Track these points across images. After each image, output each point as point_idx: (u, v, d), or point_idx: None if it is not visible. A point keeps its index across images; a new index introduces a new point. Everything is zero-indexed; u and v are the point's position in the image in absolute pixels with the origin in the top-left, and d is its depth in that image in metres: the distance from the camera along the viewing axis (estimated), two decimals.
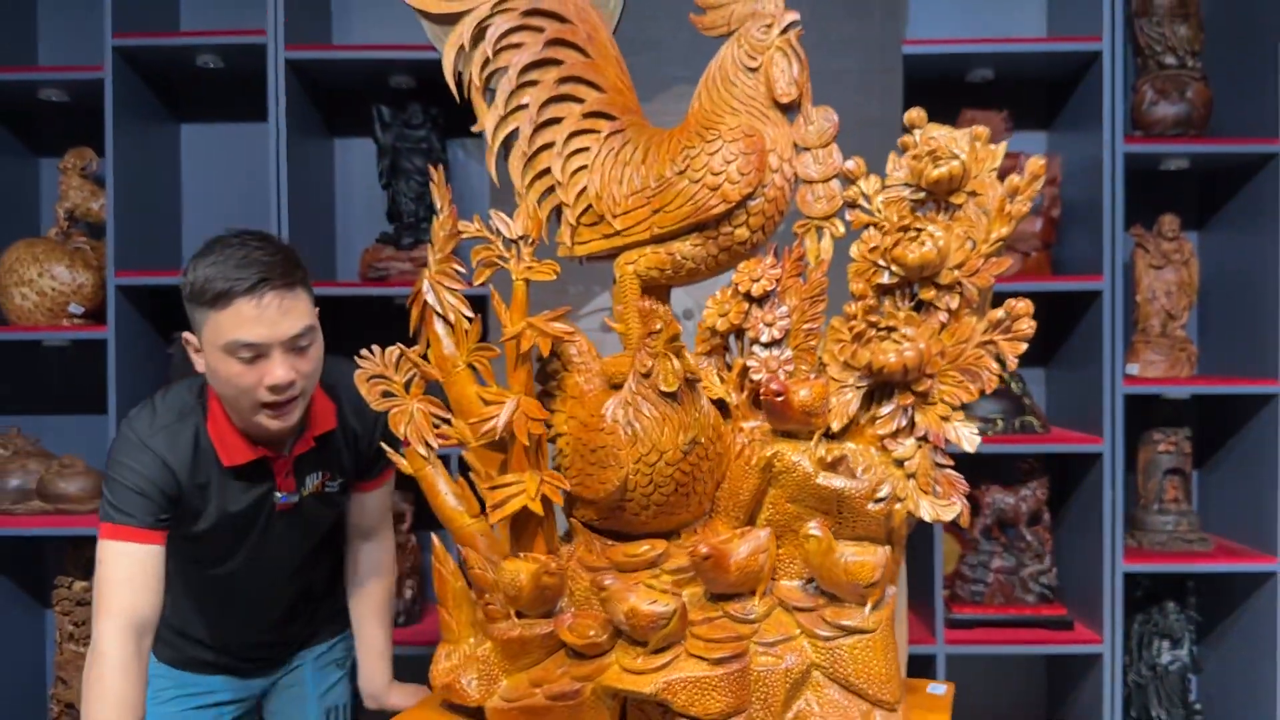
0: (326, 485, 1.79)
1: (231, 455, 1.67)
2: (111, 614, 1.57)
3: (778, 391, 1.32)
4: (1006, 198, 1.36)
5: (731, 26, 1.45)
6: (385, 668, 1.93)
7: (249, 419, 1.63)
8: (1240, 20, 2.85)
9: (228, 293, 1.53)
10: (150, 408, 1.70)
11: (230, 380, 1.59)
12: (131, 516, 1.61)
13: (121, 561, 1.60)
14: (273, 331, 1.56)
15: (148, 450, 1.63)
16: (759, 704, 1.24)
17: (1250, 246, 2.80)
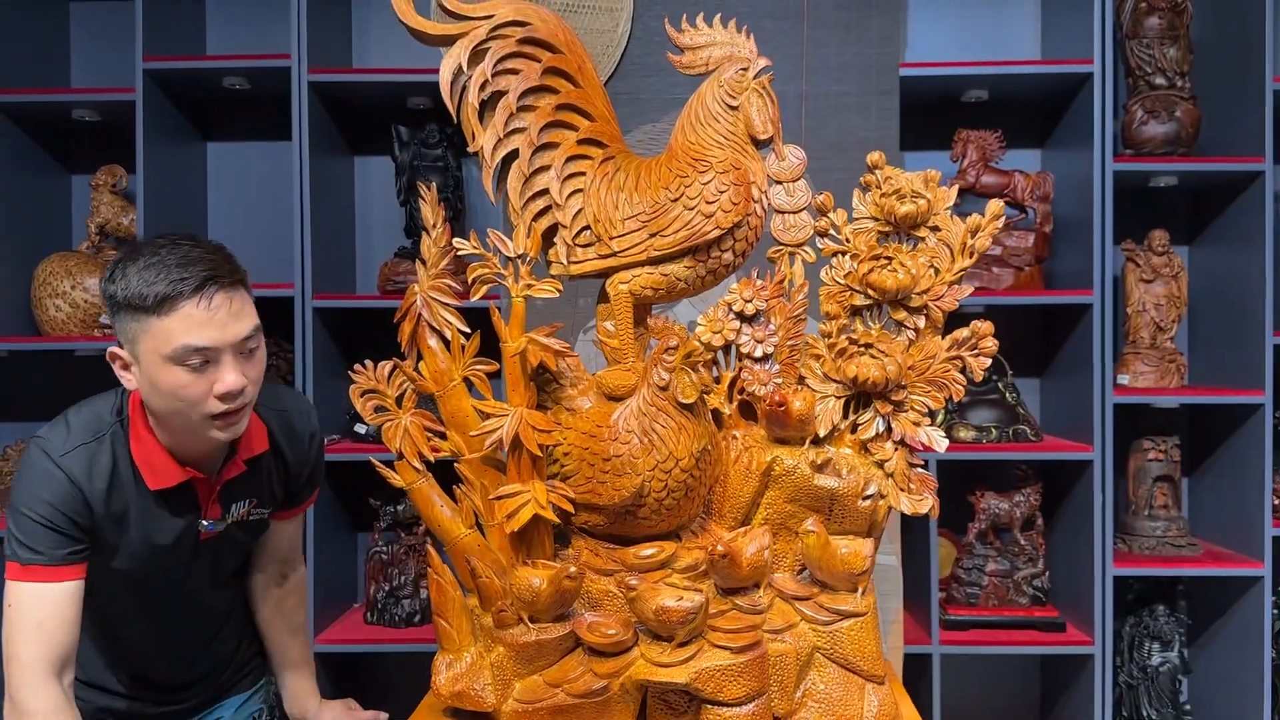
0: (253, 512, 1.69)
1: (159, 478, 1.54)
2: (26, 665, 1.44)
3: (779, 402, 1.44)
4: (969, 233, 1.48)
5: (710, 67, 1.55)
6: (313, 688, 1.88)
7: (194, 434, 1.52)
8: (1228, 43, 2.94)
9: (173, 295, 1.42)
10: (63, 425, 1.54)
11: (176, 392, 1.45)
12: (39, 554, 1.46)
13: (31, 605, 1.46)
14: (223, 334, 1.45)
15: (58, 472, 1.48)
16: (775, 686, 1.35)
17: (1237, 261, 2.89)
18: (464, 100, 1.51)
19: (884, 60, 2.71)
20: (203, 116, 3.21)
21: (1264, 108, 2.74)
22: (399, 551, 2.96)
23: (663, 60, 2.70)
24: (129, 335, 1.47)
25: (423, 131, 3.03)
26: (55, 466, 1.48)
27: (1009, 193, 2.89)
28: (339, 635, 2.86)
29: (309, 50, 2.82)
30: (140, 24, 2.83)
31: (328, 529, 2.93)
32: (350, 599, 3.14)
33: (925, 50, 3.11)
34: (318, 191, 2.86)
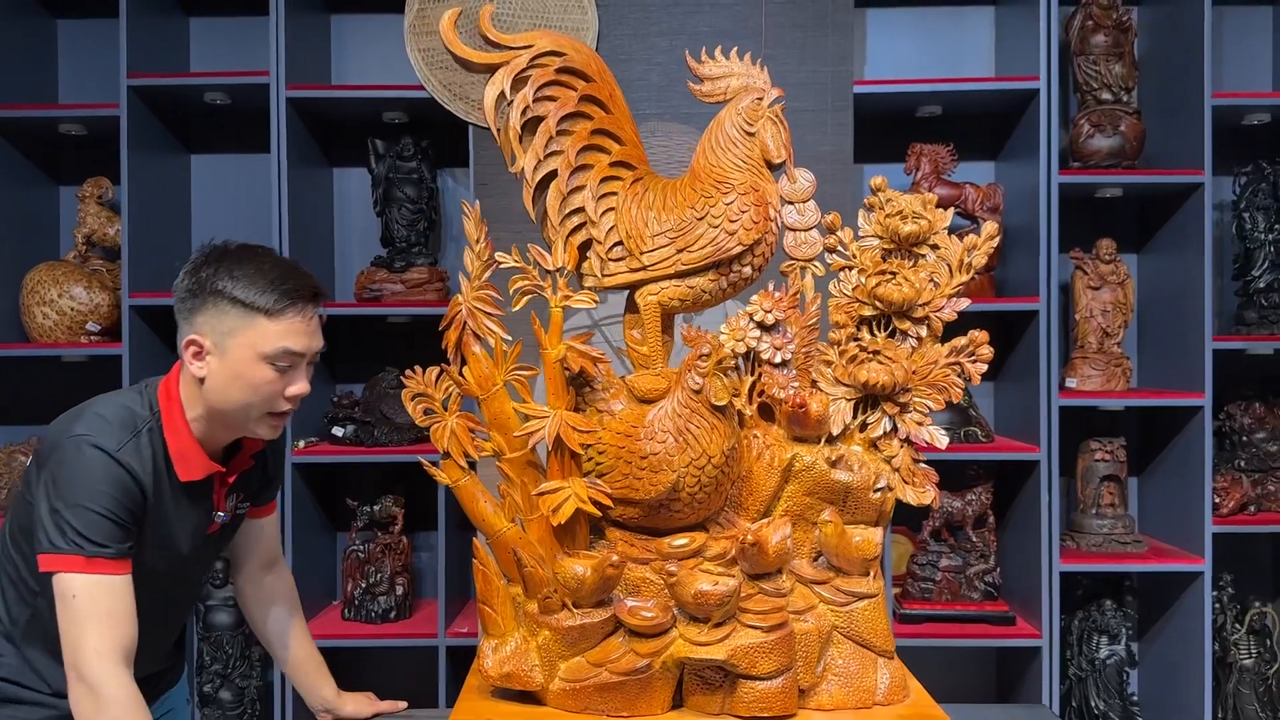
0: (239, 507, 1.77)
1: (190, 470, 1.61)
2: (103, 653, 1.48)
3: (800, 404, 1.58)
4: (967, 251, 1.61)
5: (727, 97, 1.68)
6: (328, 677, 1.93)
7: (242, 428, 1.62)
8: (1170, 60, 3.07)
9: (288, 304, 1.55)
10: (100, 420, 1.57)
11: (258, 388, 1.56)
12: (105, 547, 1.50)
13: (99, 595, 1.49)
14: (310, 344, 1.60)
15: (118, 468, 1.52)
16: (801, 661, 1.49)
17: (1180, 269, 3.02)
18: (506, 124, 1.62)
19: (839, 78, 2.83)
20: (185, 130, 3.32)
21: (1203, 122, 2.87)
22: (375, 550, 3.06)
23: (628, 77, 2.84)
24: (224, 328, 1.55)
25: (398, 145, 3.15)
26: (114, 462, 1.51)
27: (960, 204, 3.01)
28: (317, 631, 2.93)
29: (288, 67, 2.93)
30: (124, 42, 2.94)
31: (306, 529, 3.04)
32: (328, 596, 3.24)
33: (885, 66, 3.23)
34: (296, 202, 2.97)
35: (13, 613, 1.66)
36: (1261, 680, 3.03)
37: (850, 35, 2.82)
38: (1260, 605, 3.07)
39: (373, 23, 3.34)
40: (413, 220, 3.15)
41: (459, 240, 3.31)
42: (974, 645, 2.97)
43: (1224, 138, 3.01)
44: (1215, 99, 2.88)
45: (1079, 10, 3.08)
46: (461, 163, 3.18)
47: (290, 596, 1.95)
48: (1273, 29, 3.29)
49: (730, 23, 2.86)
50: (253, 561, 1.91)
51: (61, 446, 1.53)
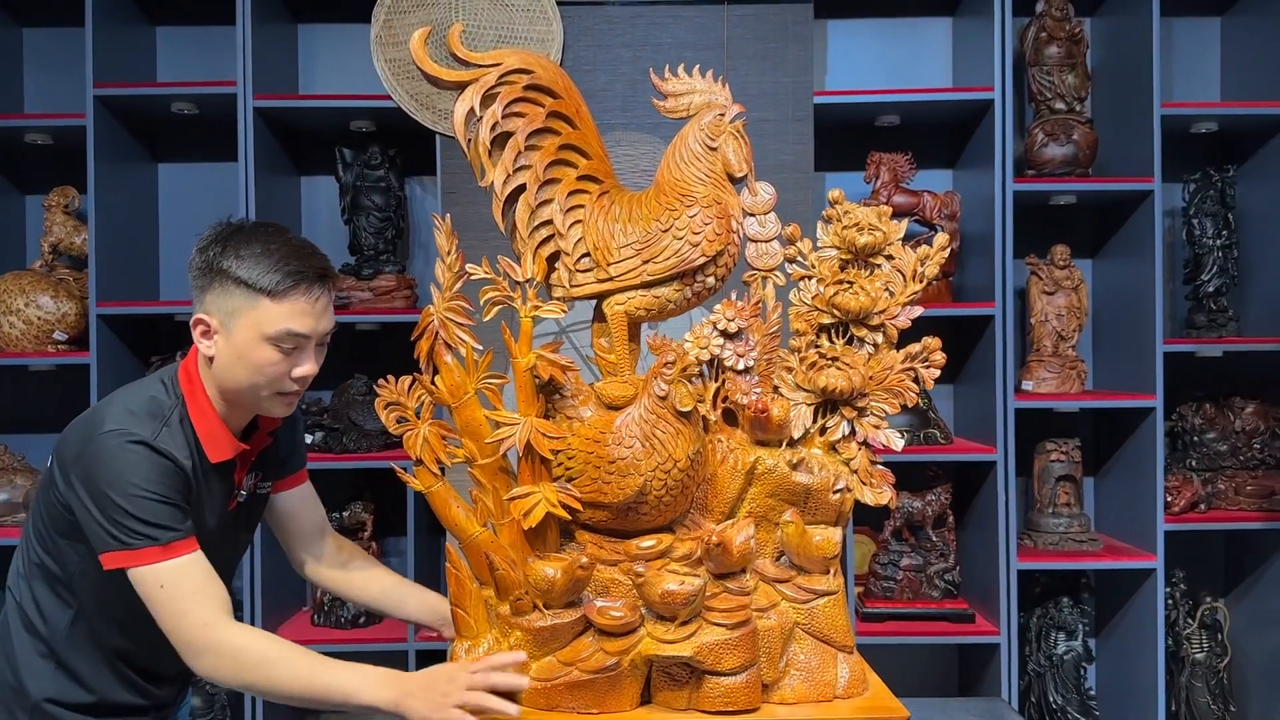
0: (259, 485, 1.79)
1: (219, 451, 1.64)
2: (209, 621, 1.52)
3: (762, 409, 1.62)
4: (920, 261, 1.67)
5: (690, 112, 1.73)
6: (440, 598, 1.88)
7: (255, 407, 1.64)
8: (1122, 71, 3.16)
9: (291, 286, 1.57)
10: (129, 414, 1.57)
11: (262, 368, 1.58)
12: (175, 530, 1.53)
13: (184, 576, 1.53)
14: (317, 325, 1.61)
15: (160, 457, 1.54)
16: (764, 657, 1.54)
17: (1132, 274, 3.10)
18: (476, 139, 1.66)
19: (800, 88, 2.89)
20: (152, 139, 3.33)
21: (1153, 131, 2.95)
22: None
23: (592, 87, 2.88)
24: (229, 308, 1.57)
25: (366, 153, 3.18)
26: (155, 452, 1.53)
27: (918, 212, 3.09)
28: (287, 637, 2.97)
29: (255, 77, 2.96)
30: (90, 51, 2.95)
31: None
32: (298, 603, 3.26)
33: (845, 76, 3.30)
34: (264, 210, 2.99)
35: (50, 621, 1.64)
36: (1213, 673, 3.12)
37: (810, 46, 2.89)
38: (1211, 601, 3.16)
39: (339, 32, 3.37)
40: (380, 228, 3.18)
41: (427, 248, 3.35)
42: (935, 643, 3.04)
43: (1173, 146, 3.10)
44: (1164, 108, 2.97)
45: (1033, 22, 3.16)
46: (429, 171, 3.22)
47: (358, 552, 1.96)
48: (1220, 40, 3.39)
49: (692, 34, 2.92)
50: (306, 536, 1.91)
51: (96, 444, 1.53)
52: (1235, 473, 3.15)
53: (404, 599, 1.91)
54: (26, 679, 1.64)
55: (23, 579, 1.67)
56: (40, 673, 1.65)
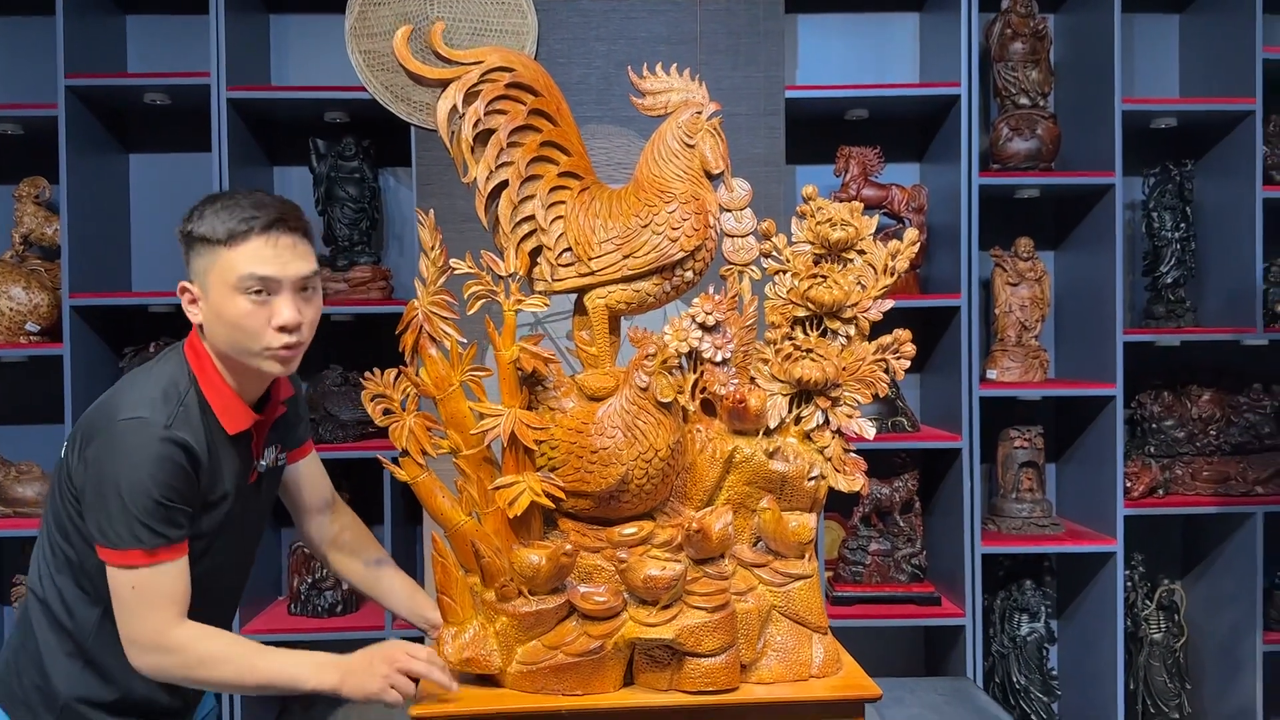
0: (279, 458, 1.81)
1: (235, 422, 1.64)
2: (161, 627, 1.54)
3: (740, 400, 1.67)
4: (890, 256, 1.72)
5: (668, 110, 1.77)
6: (429, 599, 1.90)
7: (252, 369, 1.62)
8: (1084, 67, 3.23)
9: (243, 231, 1.55)
10: (146, 399, 1.57)
11: (238, 321, 1.57)
12: (165, 536, 1.53)
13: (159, 583, 1.54)
14: (284, 269, 1.57)
15: (171, 445, 1.53)
16: (742, 638, 1.59)
17: (1094, 265, 3.18)
18: (459, 135, 1.68)
19: (771, 83, 2.94)
20: (123, 129, 3.32)
21: (1114, 126, 3.03)
22: None
23: (567, 80, 2.91)
24: (200, 269, 1.59)
25: (340, 144, 3.19)
26: (168, 441, 1.53)
27: (887, 204, 3.15)
28: (264, 626, 3.01)
29: (228, 68, 2.96)
30: (60, 42, 2.94)
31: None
32: (274, 592, 3.28)
33: (815, 71, 3.35)
34: None
35: (78, 617, 1.64)
36: (1170, 653, 3.22)
37: (781, 42, 2.94)
38: (1169, 583, 3.26)
39: (311, 23, 3.37)
40: (355, 219, 3.20)
41: (401, 239, 3.37)
42: (902, 625, 3.11)
43: (1134, 141, 3.18)
44: (1125, 104, 3.05)
45: (999, 18, 3.23)
46: (403, 162, 3.23)
47: (360, 530, 1.98)
48: (1179, 36, 3.47)
49: (666, 29, 2.96)
50: (311, 505, 1.94)
51: (111, 431, 1.54)
52: (1192, 459, 3.25)
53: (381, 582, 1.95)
54: (55, 679, 1.64)
55: (46, 575, 1.66)
56: (69, 672, 1.64)
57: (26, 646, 1.68)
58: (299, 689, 1.55)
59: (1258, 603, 3.12)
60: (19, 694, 1.66)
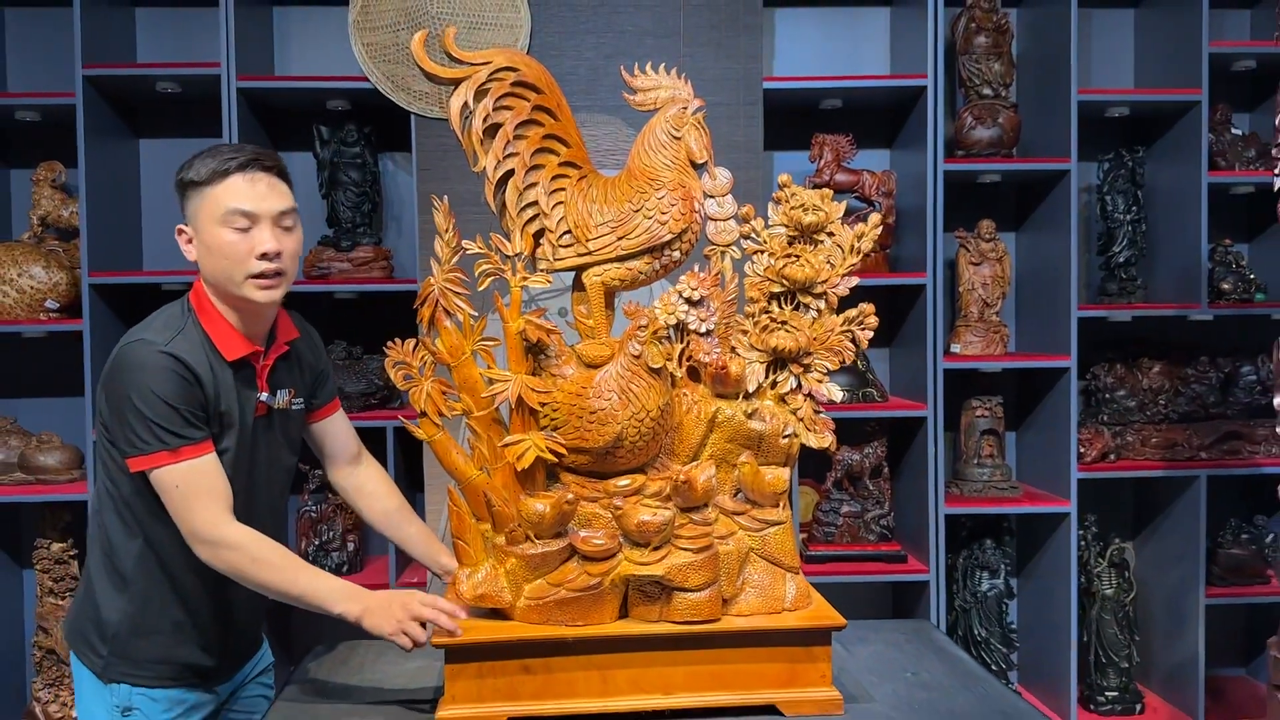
0: (293, 402, 1.96)
1: (232, 349, 1.81)
2: (213, 520, 1.72)
3: (722, 366, 1.86)
4: (856, 238, 1.91)
5: (656, 105, 1.95)
6: (443, 547, 2.09)
7: (237, 292, 1.79)
8: (1043, 59, 3.44)
9: (223, 170, 1.76)
10: (146, 328, 1.79)
11: (224, 250, 1.76)
12: (182, 436, 1.72)
13: (195, 477, 1.73)
14: (262, 204, 1.77)
15: (169, 358, 1.72)
16: (724, 576, 1.79)
17: (1051, 246, 3.40)
18: (470, 129, 1.87)
19: (750, 74, 3.14)
20: (134, 116, 3.48)
21: (1070, 115, 3.24)
22: (327, 510, 3.30)
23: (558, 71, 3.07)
24: (191, 211, 1.80)
25: (342, 131, 3.36)
26: (165, 354, 1.72)
27: (858, 189, 3.35)
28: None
29: (236, 58, 3.13)
30: (78, 33, 3.10)
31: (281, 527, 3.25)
32: None
33: (792, 62, 3.55)
34: None
35: (120, 550, 1.83)
36: (1121, 607, 3.45)
37: (760, 36, 3.13)
38: (1120, 542, 3.49)
39: (312, 14, 3.54)
40: (357, 202, 3.38)
41: (400, 220, 3.55)
42: (871, 580, 3.33)
43: (1090, 128, 3.40)
44: (1081, 94, 3.25)
45: (963, 13, 3.43)
46: (403, 147, 3.41)
47: (383, 481, 2.16)
48: (1134, 29, 3.68)
49: (651, 22, 3.15)
50: (337, 457, 2.13)
51: (118, 355, 1.75)
52: (1142, 426, 3.48)
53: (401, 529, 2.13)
54: (105, 611, 1.84)
55: (97, 517, 1.87)
56: (117, 605, 1.83)
57: (86, 589, 1.89)
58: (327, 610, 1.75)
59: (1200, 560, 3.36)
60: (81, 632, 1.87)
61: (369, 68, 3.00)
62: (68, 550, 3.26)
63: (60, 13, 3.28)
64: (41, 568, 3.26)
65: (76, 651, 1.88)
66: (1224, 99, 3.48)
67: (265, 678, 2.12)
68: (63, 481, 3.21)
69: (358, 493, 2.15)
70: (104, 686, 1.84)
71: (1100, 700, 3.42)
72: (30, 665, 3.36)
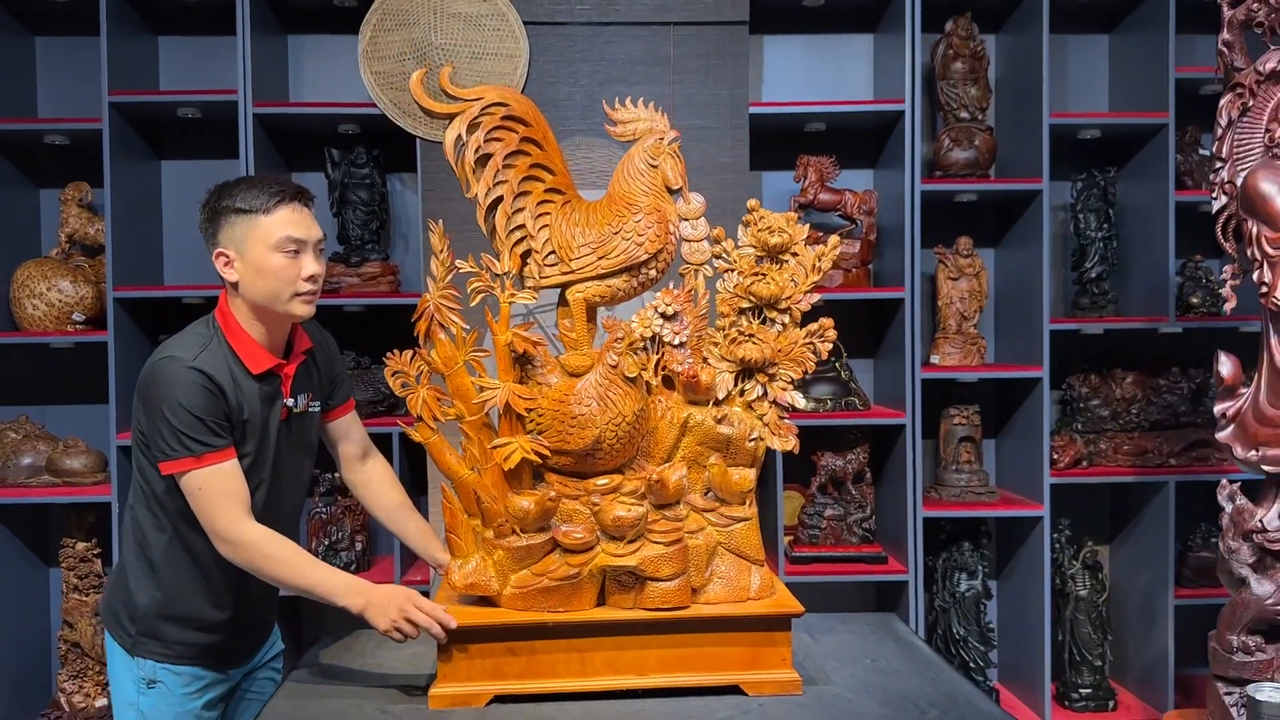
0: (310, 406, 2.14)
1: (257, 363, 2.00)
2: (232, 519, 1.90)
3: (693, 375, 2.03)
4: (818, 258, 2.08)
5: (636, 136, 2.13)
6: (438, 542, 2.26)
7: (280, 315, 2.00)
8: (1018, 84, 3.60)
9: (277, 200, 1.96)
10: (176, 345, 1.96)
11: (277, 273, 1.96)
12: (208, 444, 1.90)
13: (217, 481, 1.91)
14: (308, 233, 2.00)
15: (196, 373, 1.90)
16: (693, 567, 1.96)
17: (1024, 262, 3.56)
18: (463, 159, 2.06)
19: (737, 100, 3.31)
20: (156, 139, 3.68)
21: (1041, 139, 3.40)
22: (336, 512, 3.48)
23: (555, 97, 3.29)
24: (237, 236, 1.97)
25: (352, 153, 3.55)
26: (192, 369, 1.91)
27: (841, 208, 3.52)
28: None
29: (253, 85, 3.32)
30: (105, 61, 3.30)
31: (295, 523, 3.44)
32: None
33: (779, 87, 3.72)
34: None
35: (151, 541, 2.02)
36: (1094, 607, 3.59)
37: (746, 64, 3.31)
38: (1093, 545, 3.64)
39: (324, 42, 3.73)
40: (366, 220, 3.57)
41: (407, 238, 3.74)
42: (854, 580, 3.49)
43: (1064, 150, 3.56)
44: (1052, 118, 3.42)
45: (942, 40, 3.60)
46: (410, 168, 3.60)
47: (388, 477, 2.35)
48: (1108, 55, 3.85)
49: (643, 51, 3.32)
50: (348, 454, 2.31)
51: (152, 370, 1.94)
52: (1115, 434, 3.63)
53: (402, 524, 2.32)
54: (136, 594, 2.03)
55: (130, 511, 2.07)
56: (146, 589, 2.02)
57: (120, 574, 2.09)
58: (332, 601, 1.94)
59: (1170, 562, 3.51)
60: (114, 612, 2.07)
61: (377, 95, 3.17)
62: (92, 549, 3.46)
63: (88, 42, 3.49)
64: (67, 566, 3.45)
65: (109, 628, 2.08)
66: (1193, 121, 3.62)
67: (276, 663, 2.30)
68: (87, 484, 3.40)
69: (365, 488, 2.33)
70: (131, 660, 2.03)
71: (1075, 697, 3.57)
72: (55, 658, 3.55)
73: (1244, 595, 2.52)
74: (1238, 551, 2.52)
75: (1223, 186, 2.53)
